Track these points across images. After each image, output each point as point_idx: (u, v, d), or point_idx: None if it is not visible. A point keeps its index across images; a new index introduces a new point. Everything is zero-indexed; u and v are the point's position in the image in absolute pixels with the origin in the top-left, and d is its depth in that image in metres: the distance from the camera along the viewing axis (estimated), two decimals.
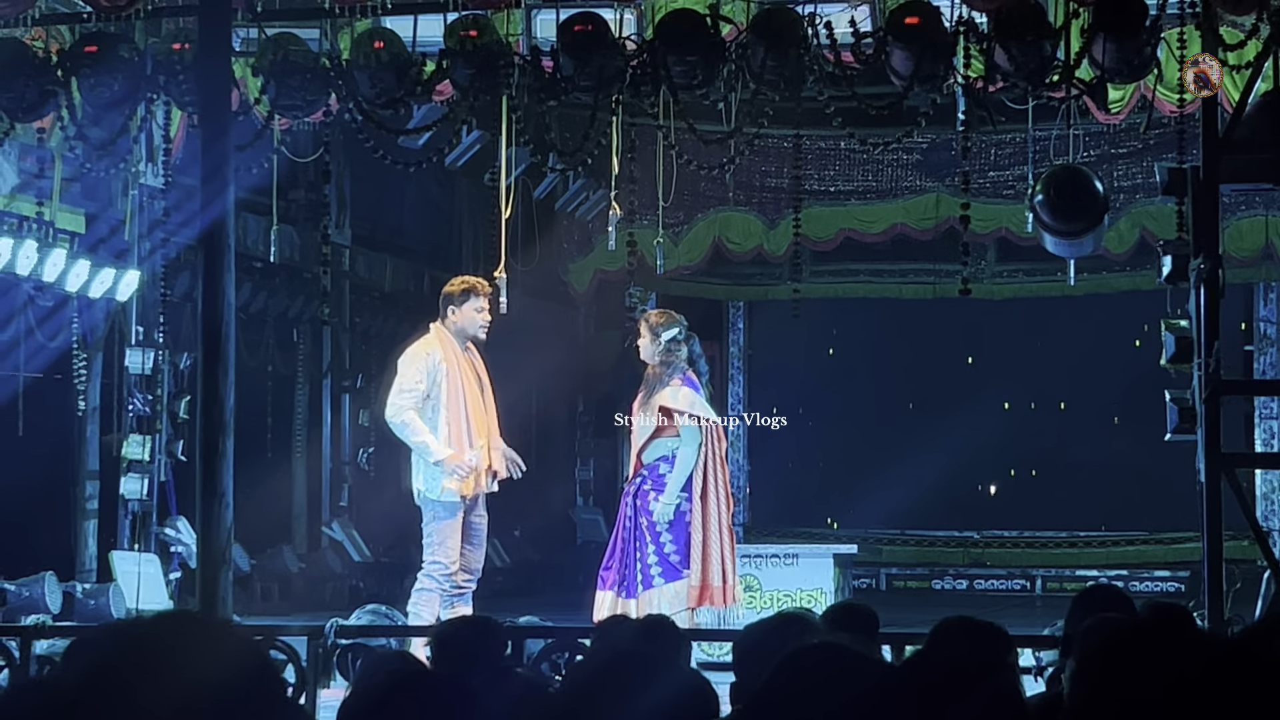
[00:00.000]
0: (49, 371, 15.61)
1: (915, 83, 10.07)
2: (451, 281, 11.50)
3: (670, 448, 11.38)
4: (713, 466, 11.48)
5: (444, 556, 11.08)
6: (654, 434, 11.39)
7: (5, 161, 14.08)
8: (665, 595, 11.20)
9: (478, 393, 11.23)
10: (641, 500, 11.43)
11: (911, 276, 21.54)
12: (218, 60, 9.36)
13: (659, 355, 11.48)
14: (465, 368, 11.18)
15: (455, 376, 11.10)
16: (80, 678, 2.18)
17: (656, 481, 11.38)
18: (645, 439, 11.42)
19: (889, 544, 21.38)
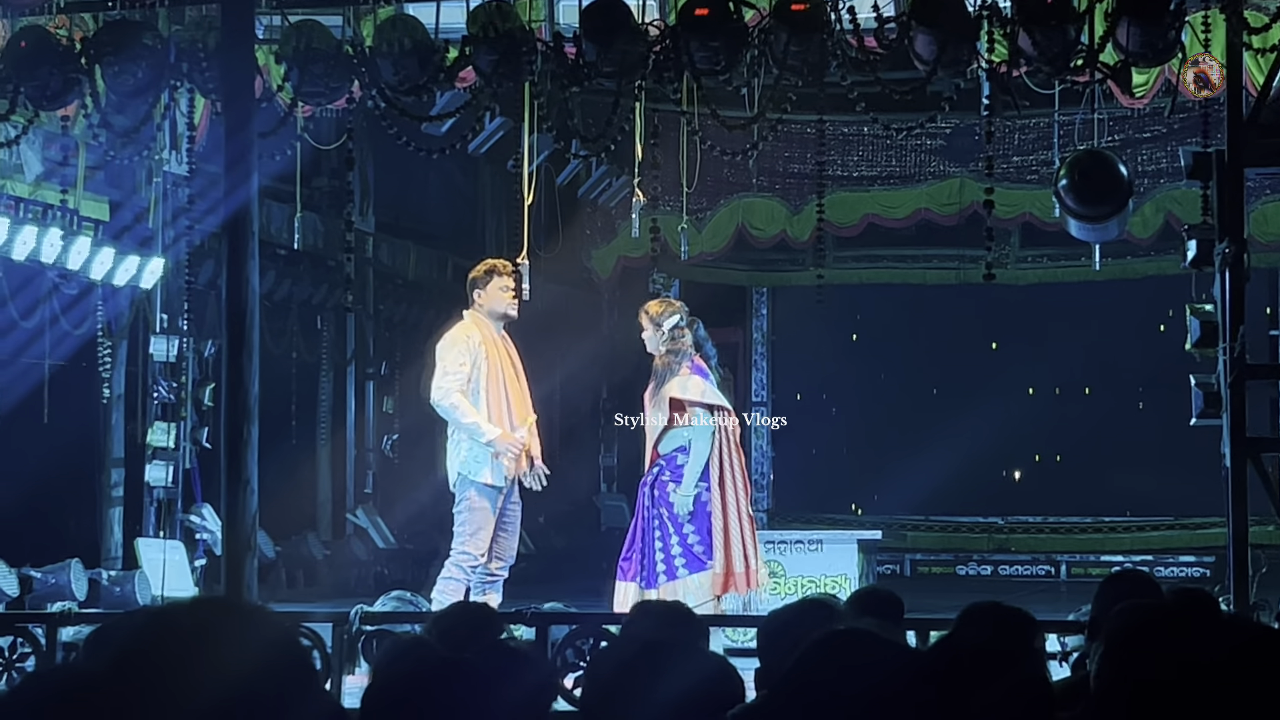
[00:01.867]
0: (74, 359, 15.65)
1: (939, 67, 10.04)
2: (475, 267, 11.52)
3: (685, 437, 11.38)
4: (728, 452, 11.47)
5: (474, 547, 11.08)
6: (668, 425, 11.38)
7: (30, 150, 14.11)
8: (689, 586, 11.19)
9: (514, 376, 11.24)
10: (660, 491, 11.42)
11: (935, 262, 21.52)
12: (241, 47, 9.36)
13: (665, 344, 11.46)
14: (502, 352, 11.19)
15: (494, 360, 11.11)
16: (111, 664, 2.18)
17: (675, 472, 11.38)
18: (660, 430, 11.41)
19: (913, 530, 21.36)
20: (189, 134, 11.41)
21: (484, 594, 10.98)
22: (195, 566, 15.45)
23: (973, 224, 18.43)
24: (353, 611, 10.42)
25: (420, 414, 20.50)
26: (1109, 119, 15.70)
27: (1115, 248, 17.67)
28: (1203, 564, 20.19)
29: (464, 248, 21.67)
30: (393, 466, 20.19)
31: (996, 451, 21.11)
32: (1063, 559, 21.12)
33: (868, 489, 21.68)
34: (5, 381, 14.45)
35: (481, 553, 11.07)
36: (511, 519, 11.25)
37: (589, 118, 13.25)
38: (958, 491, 20.65)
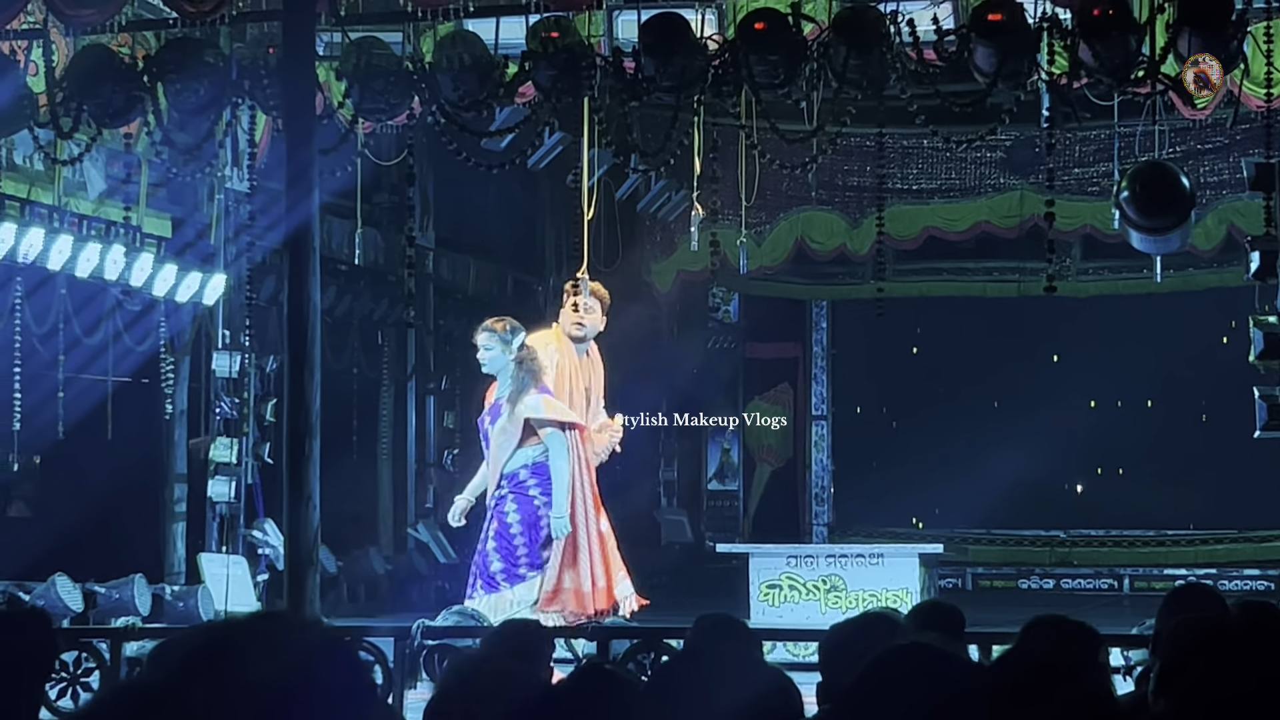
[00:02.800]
0: (137, 375, 15.73)
1: (999, 80, 10.01)
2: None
3: (532, 456, 11.32)
4: (578, 470, 11.37)
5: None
6: (519, 444, 11.33)
7: (93, 167, 14.20)
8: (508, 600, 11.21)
9: (582, 394, 11.22)
10: (498, 506, 11.38)
11: (996, 274, 21.45)
12: (302, 65, 9.40)
13: (514, 362, 11.39)
14: (574, 368, 11.20)
15: (564, 373, 11.15)
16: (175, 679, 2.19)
17: (516, 488, 11.31)
18: (509, 450, 11.35)
19: (975, 543, 21.28)
20: (250, 151, 11.47)
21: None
22: (258, 581, 15.50)
23: (1033, 236, 18.37)
24: (414, 626, 10.44)
25: None
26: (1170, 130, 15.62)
27: (1177, 260, 17.60)
28: (1267, 577, 20.06)
29: (523, 262, 21.71)
30: (453, 481, 20.20)
31: (1058, 464, 21.03)
32: (1126, 573, 21.01)
33: (929, 502, 21.60)
34: (69, 398, 14.53)
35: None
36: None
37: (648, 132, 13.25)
38: (1019, 505, 20.56)
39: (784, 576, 13.10)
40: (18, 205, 13.92)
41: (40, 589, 13.52)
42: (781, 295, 22.06)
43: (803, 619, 12.66)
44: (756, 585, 13.15)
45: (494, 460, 11.48)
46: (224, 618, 2.65)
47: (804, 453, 22.70)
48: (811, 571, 13.09)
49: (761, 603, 13.05)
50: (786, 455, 22.95)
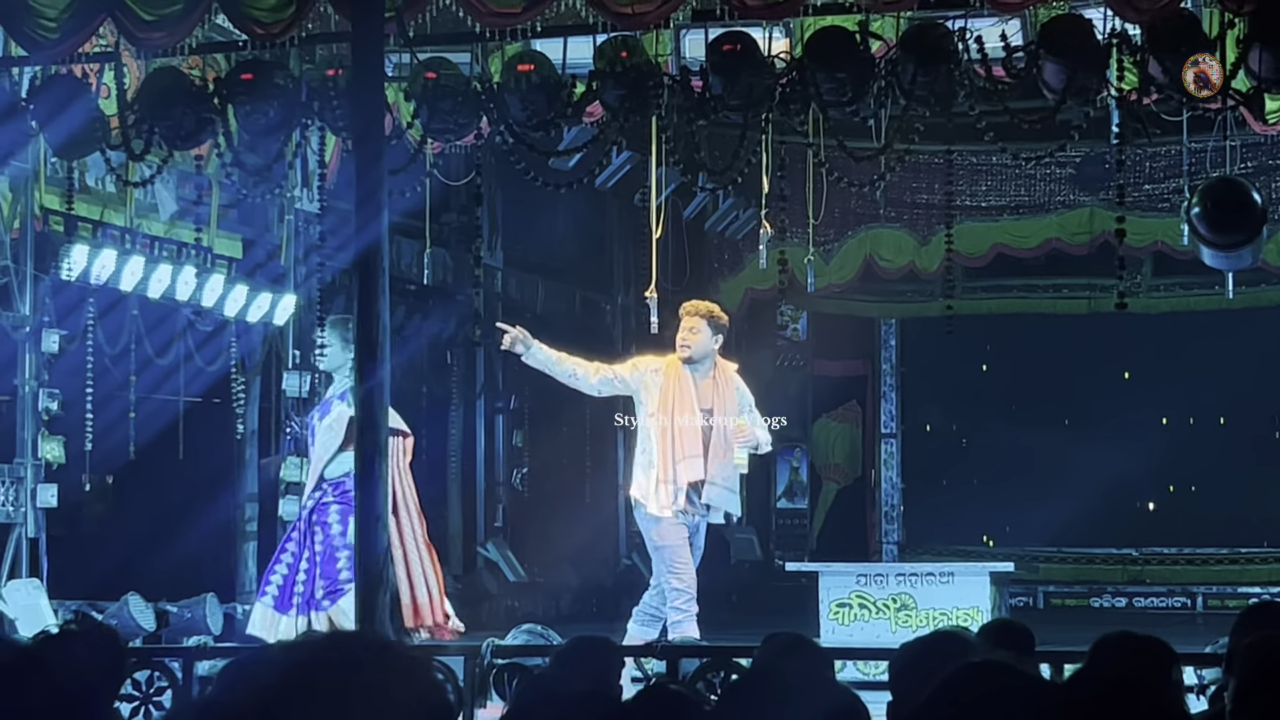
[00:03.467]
0: (208, 395, 15.81)
1: (1068, 96, 9.98)
2: None
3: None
4: (400, 479, 11.18)
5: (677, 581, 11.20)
6: (341, 446, 11.10)
7: (164, 189, 14.30)
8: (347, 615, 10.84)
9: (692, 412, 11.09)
10: (320, 515, 11.14)
11: (1066, 291, 21.35)
12: (371, 86, 9.45)
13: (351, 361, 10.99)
14: (684, 387, 11.09)
15: (669, 391, 11.07)
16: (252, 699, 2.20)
17: (341, 497, 11.05)
18: (331, 453, 11.16)
19: (1046, 561, 21.15)
20: (320, 171, 11.54)
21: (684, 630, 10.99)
22: None
23: (1103, 253, 18.29)
24: (484, 645, 10.45)
25: (550, 447, 20.60)
26: (1241, 146, 15.54)
27: (1249, 275, 17.48)
28: None
29: (592, 282, 21.74)
30: (523, 500, 20.25)
31: (1130, 482, 20.89)
32: (1199, 590, 20.85)
33: (999, 520, 21.50)
34: (141, 418, 14.63)
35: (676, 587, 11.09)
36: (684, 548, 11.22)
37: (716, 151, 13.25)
38: (1091, 522, 20.44)
39: (854, 595, 13.06)
40: (90, 227, 14.02)
41: (113, 608, 13.60)
42: (850, 313, 22.02)
43: (873, 638, 12.61)
44: (826, 604, 13.11)
45: (315, 459, 11.25)
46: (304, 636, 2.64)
47: (873, 471, 22.64)
48: (881, 590, 13.05)
49: (831, 621, 13.01)
50: (855, 473, 22.89)
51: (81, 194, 13.02)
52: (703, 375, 11.15)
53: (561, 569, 19.85)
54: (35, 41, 10.59)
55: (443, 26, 10.89)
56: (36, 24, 10.50)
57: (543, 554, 19.91)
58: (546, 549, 20.07)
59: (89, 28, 10.60)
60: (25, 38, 10.65)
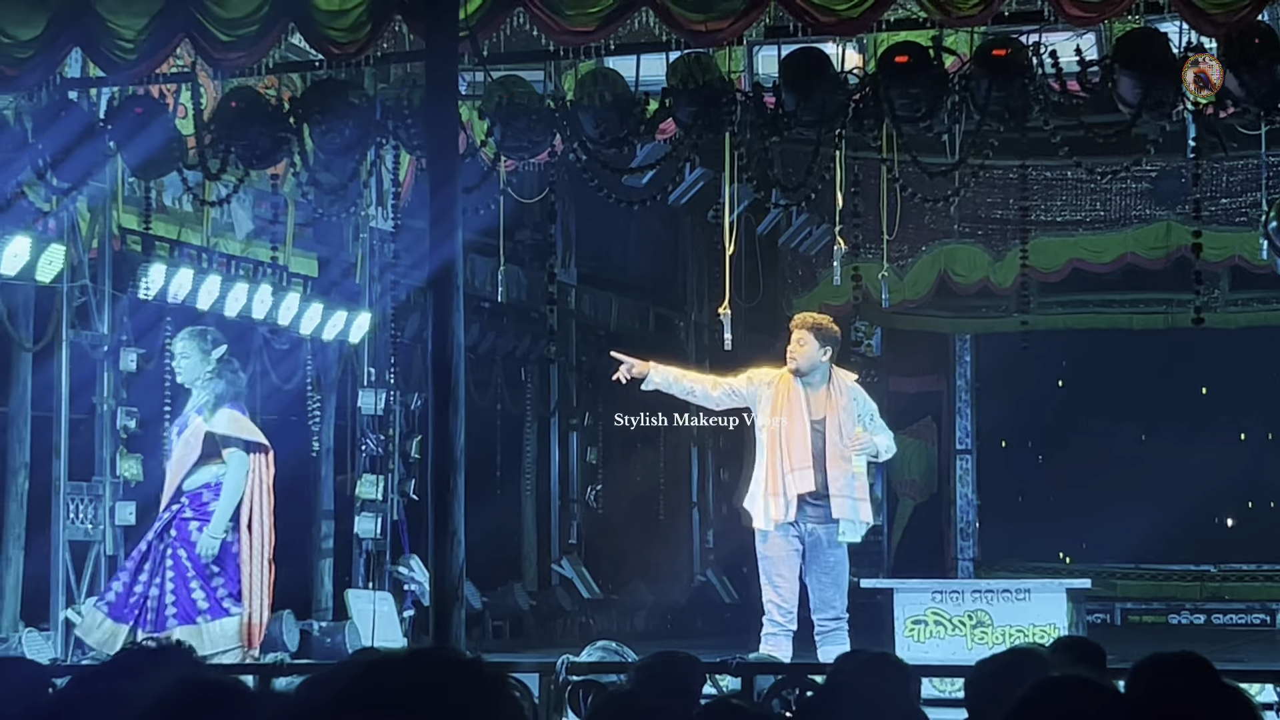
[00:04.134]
0: (284, 413, 15.88)
1: (1144, 110, 9.93)
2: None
3: (215, 475, 10.97)
4: (259, 495, 11.05)
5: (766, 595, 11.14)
6: (200, 460, 10.98)
7: (240, 208, 14.38)
8: (211, 633, 10.82)
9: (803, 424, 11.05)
10: (180, 530, 10.97)
11: (1142, 306, 21.24)
12: (445, 104, 9.48)
13: (208, 373, 11.08)
14: (796, 400, 11.06)
15: (779, 403, 11.06)
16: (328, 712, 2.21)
17: (199, 511, 10.95)
18: (188, 466, 11.00)
19: (1123, 578, 21.02)
20: (394, 190, 11.61)
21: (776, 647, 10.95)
22: (404, 617, 15.59)
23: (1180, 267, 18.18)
24: (559, 662, 10.45)
25: (624, 464, 20.62)
26: None
27: None
28: None
29: (665, 298, 21.75)
30: (597, 516, 20.27)
31: (1208, 498, 20.74)
32: (1278, 607, 20.67)
33: (1076, 537, 21.39)
34: None
35: (771, 600, 11.06)
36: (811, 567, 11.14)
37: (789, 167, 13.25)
38: (1169, 539, 20.31)
39: (929, 612, 13.00)
40: (167, 246, 14.12)
41: None
42: (924, 329, 21.96)
43: (948, 655, 12.55)
44: (901, 621, 13.06)
45: (172, 472, 11.09)
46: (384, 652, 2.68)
47: (948, 487, 22.56)
48: (957, 607, 12.99)
49: (907, 638, 12.96)
50: (930, 489, 22.81)
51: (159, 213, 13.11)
52: (815, 387, 11.12)
53: (636, 586, 19.85)
54: (113, 62, 10.68)
55: (516, 45, 10.92)
56: (114, 45, 10.59)
57: (617, 571, 19.93)
58: (621, 566, 20.09)
59: (166, 48, 10.68)
60: (103, 59, 10.75)
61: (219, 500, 10.94)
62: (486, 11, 10.09)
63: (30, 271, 12.77)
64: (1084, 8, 9.63)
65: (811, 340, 11.11)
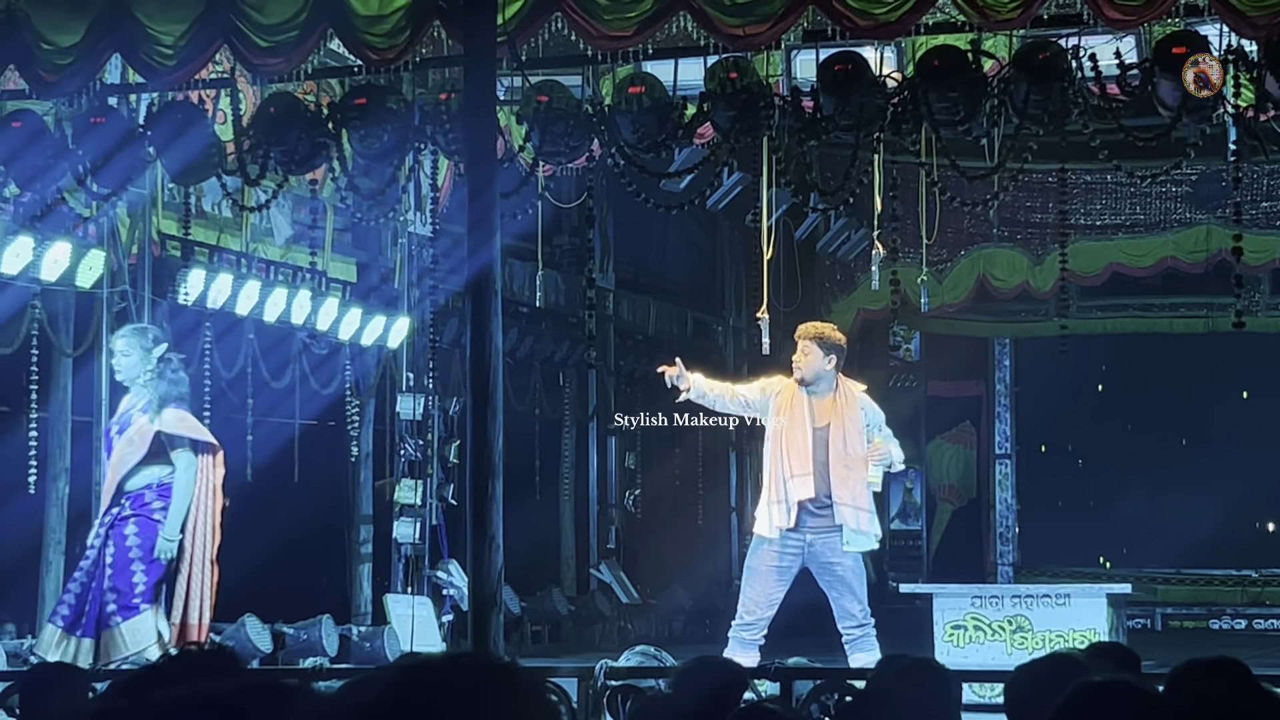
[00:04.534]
0: (323, 418, 15.92)
1: (1184, 113, 9.89)
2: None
3: (159, 475, 10.83)
4: (205, 496, 10.91)
5: (740, 602, 11.15)
6: (144, 459, 10.83)
7: (280, 213, 14.42)
8: (120, 637, 10.65)
9: (803, 432, 11.02)
10: (118, 528, 10.81)
11: (1182, 310, 21.15)
12: (483, 109, 9.50)
13: (149, 372, 10.92)
14: (799, 407, 11.03)
15: (784, 410, 11.05)
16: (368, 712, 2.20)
17: (140, 510, 10.79)
18: (130, 466, 10.84)
19: (1164, 583, 20.94)
20: (433, 195, 11.60)
21: (731, 651, 10.92)
22: (442, 622, 15.61)
23: (1220, 271, 18.12)
24: (598, 666, 10.46)
25: (662, 469, 20.62)
26: None
27: None
28: None
29: (703, 303, 21.74)
30: (635, 521, 20.26)
31: (1249, 503, 20.65)
32: None
33: (1116, 541, 21.31)
34: (258, 441, 14.74)
35: (739, 607, 11.06)
36: (823, 578, 11.12)
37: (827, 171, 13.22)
38: (1209, 544, 20.23)
39: (969, 617, 12.97)
40: (207, 252, 14.16)
41: (230, 630, 13.71)
42: (963, 333, 21.90)
43: (988, 660, 12.52)
44: (941, 626, 13.03)
45: (113, 473, 10.90)
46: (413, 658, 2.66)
47: (988, 492, 22.51)
48: (997, 612, 12.95)
49: (946, 643, 12.93)
50: (969, 494, 22.76)
51: (198, 219, 13.15)
52: (820, 396, 11.08)
53: (674, 591, 19.84)
54: (152, 68, 10.72)
55: (554, 50, 10.93)
56: (154, 51, 10.63)
57: (656, 576, 19.91)
58: (659, 571, 20.07)
59: (205, 54, 10.72)
60: (143, 64, 10.78)
61: (170, 502, 10.77)
62: (525, 16, 10.10)
63: (70, 277, 12.82)
64: (1123, 10, 9.60)
65: (815, 350, 11.07)
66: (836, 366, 11.14)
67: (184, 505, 10.77)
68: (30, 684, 6.50)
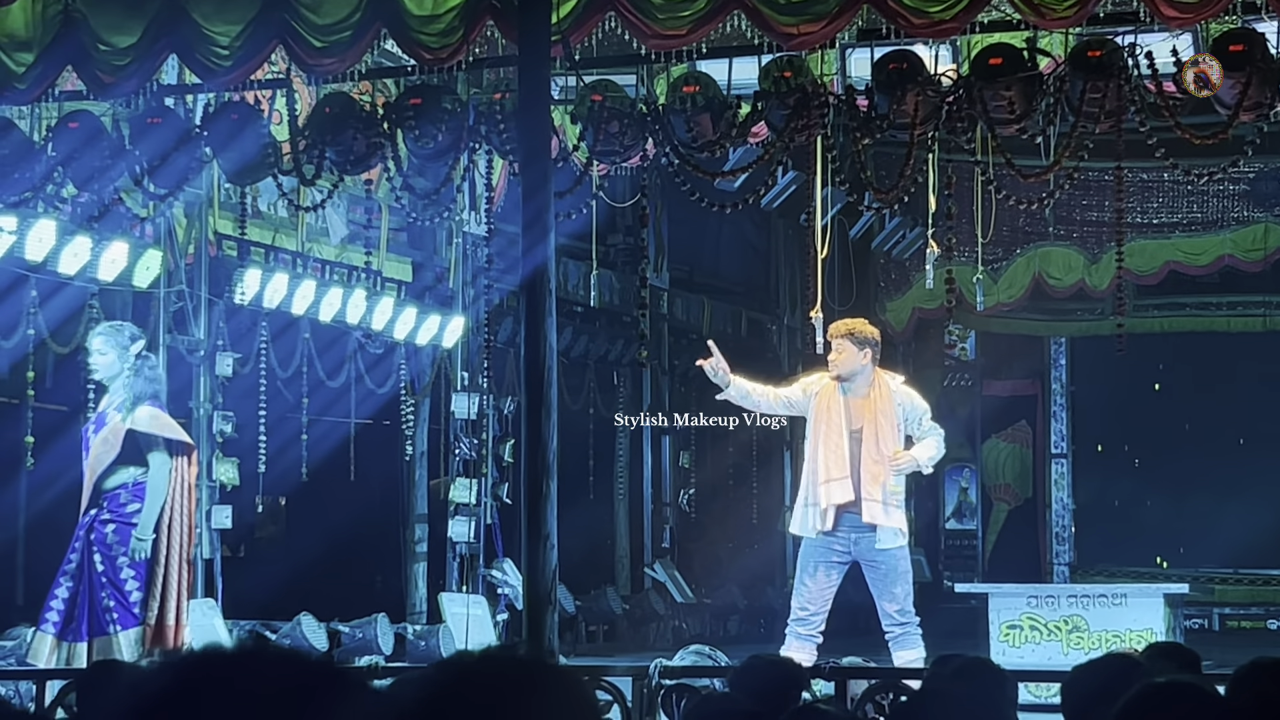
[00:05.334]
0: (378, 417, 15.97)
1: (1241, 111, 9.83)
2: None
3: (134, 475, 10.67)
4: (180, 495, 10.76)
5: (794, 600, 11.11)
6: (118, 459, 10.66)
7: (335, 214, 14.47)
8: (120, 643, 10.51)
9: (839, 433, 10.96)
10: (98, 531, 10.65)
11: (1240, 309, 21.04)
12: (537, 109, 9.50)
13: (127, 370, 10.73)
14: (834, 408, 10.97)
15: (820, 410, 11.00)
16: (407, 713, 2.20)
17: (116, 512, 10.64)
18: (105, 465, 10.66)
19: (1222, 583, 20.83)
20: (487, 195, 11.62)
21: (789, 647, 10.90)
22: (497, 621, 15.64)
23: (1278, 270, 18.01)
24: (652, 665, 10.44)
25: (717, 468, 20.62)
26: None
27: None
28: None
29: (757, 302, 21.73)
30: (690, 521, 20.26)
31: None
32: None
33: (1173, 541, 21.21)
34: (313, 440, 14.80)
35: (794, 604, 11.03)
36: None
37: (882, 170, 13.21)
38: (1268, 543, 20.11)
39: (1025, 617, 12.92)
40: (263, 252, 14.23)
41: (286, 628, 13.77)
42: (1019, 332, 21.83)
43: (1044, 660, 12.47)
44: (997, 625, 12.99)
45: (90, 472, 10.73)
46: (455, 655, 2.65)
47: (1044, 491, 22.42)
48: (1053, 612, 12.90)
49: (1002, 643, 12.88)
50: (1025, 494, 22.69)
51: (254, 219, 13.21)
52: (857, 394, 11.00)
53: (728, 590, 19.83)
54: (209, 69, 10.76)
55: (608, 49, 10.93)
56: (210, 52, 10.67)
57: (710, 575, 19.90)
58: (714, 570, 20.07)
59: (261, 55, 10.75)
60: (199, 65, 10.83)
61: (144, 502, 10.65)
62: (578, 16, 10.10)
63: (128, 277, 12.90)
64: (1180, 8, 9.55)
65: (849, 346, 10.98)
66: (873, 360, 11.07)
67: (157, 505, 10.63)
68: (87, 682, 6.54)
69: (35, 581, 12.53)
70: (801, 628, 11.04)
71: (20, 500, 13.85)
